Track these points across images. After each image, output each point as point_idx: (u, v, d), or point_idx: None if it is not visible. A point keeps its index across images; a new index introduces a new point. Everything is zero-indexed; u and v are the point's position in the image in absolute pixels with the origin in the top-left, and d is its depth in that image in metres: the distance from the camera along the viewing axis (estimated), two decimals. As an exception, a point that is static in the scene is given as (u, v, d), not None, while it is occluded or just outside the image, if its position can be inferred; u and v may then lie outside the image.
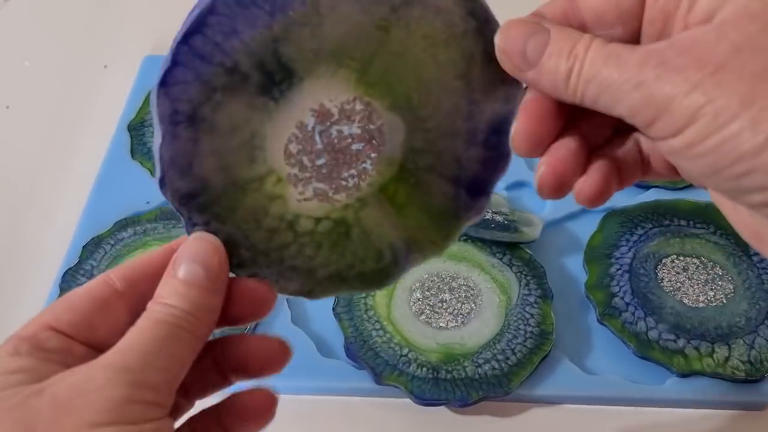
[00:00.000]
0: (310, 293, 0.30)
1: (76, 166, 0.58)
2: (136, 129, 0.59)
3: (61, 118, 0.63)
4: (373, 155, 0.28)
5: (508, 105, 0.28)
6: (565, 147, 0.27)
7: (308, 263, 0.29)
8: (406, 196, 0.29)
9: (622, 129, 0.28)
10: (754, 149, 0.22)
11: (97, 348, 0.26)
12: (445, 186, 0.29)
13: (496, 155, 0.29)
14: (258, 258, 0.28)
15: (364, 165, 0.28)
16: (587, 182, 0.28)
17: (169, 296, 0.26)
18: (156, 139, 0.26)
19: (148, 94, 0.61)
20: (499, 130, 0.29)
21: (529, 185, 0.55)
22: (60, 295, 0.48)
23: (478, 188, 0.30)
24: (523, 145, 0.27)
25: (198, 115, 0.26)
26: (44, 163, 0.59)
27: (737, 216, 0.27)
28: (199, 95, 0.25)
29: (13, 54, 0.68)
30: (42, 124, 0.62)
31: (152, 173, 0.56)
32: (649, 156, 0.29)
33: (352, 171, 0.28)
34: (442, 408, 0.44)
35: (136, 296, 0.27)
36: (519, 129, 0.27)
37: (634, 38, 0.27)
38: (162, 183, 0.26)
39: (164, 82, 0.25)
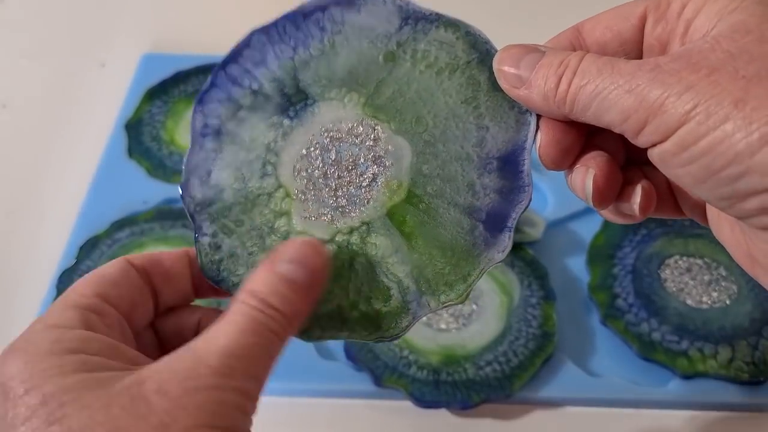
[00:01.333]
0: (306, 332, 0.28)
1: (73, 165, 0.58)
2: (134, 128, 0.59)
3: (58, 117, 0.62)
4: (379, 177, 0.28)
5: (521, 133, 0.28)
6: (600, 156, 0.27)
7: None
8: (415, 224, 0.28)
9: None
10: (748, 149, 0.22)
11: (133, 329, 0.26)
12: (459, 217, 0.28)
13: (514, 186, 0.28)
14: None
15: (370, 186, 0.29)
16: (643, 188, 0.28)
17: (271, 295, 0.25)
18: (188, 150, 0.30)
19: (146, 93, 0.61)
20: (514, 159, 0.28)
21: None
22: (57, 296, 0.47)
23: (497, 222, 0.28)
24: (549, 152, 0.27)
25: (224, 129, 0.29)
26: (40, 162, 0.59)
27: (732, 237, 0.27)
28: (227, 112, 0.29)
29: (11, 52, 0.68)
30: (38, 123, 0.62)
31: (150, 172, 0.55)
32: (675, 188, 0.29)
33: (359, 191, 0.29)
34: (443, 410, 0.44)
35: (161, 273, 0.28)
36: (543, 138, 0.27)
37: None
38: (183, 188, 0.29)
39: (201, 101, 0.29)
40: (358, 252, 0.28)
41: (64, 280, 0.48)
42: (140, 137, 0.58)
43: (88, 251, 0.50)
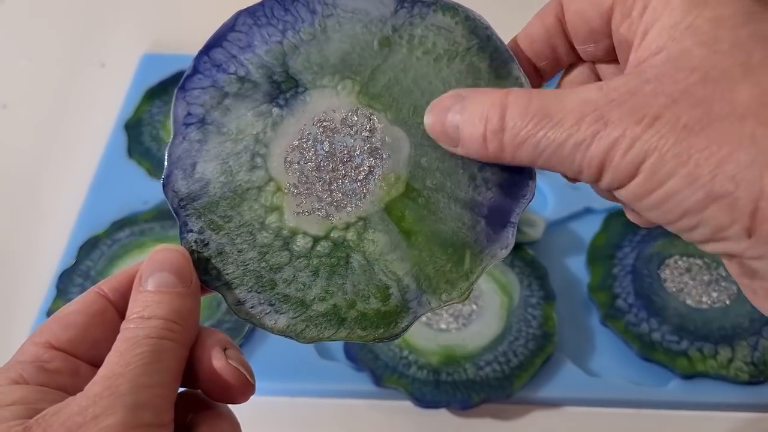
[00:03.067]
0: (301, 333, 0.27)
1: (73, 165, 0.58)
2: (134, 128, 0.59)
3: (58, 117, 0.62)
4: (376, 170, 0.27)
5: None
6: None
7: (302, 293, 0.27)
8: (414, 220, 0.27)
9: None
10: (696, 206, 0.22)
11: (100, 365, 0.25)
12: (460, 211, 0.27)
13: (516, 180, 0.27)
14: (247, 278, 0.27)
15: (366, 179, 0.27)
16: None
17: (144, 309, 0.25)
18: (169, 141, 0.28)
19: (146, 93, 0.61)
20: None
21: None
22: (57, 296, 0.47)
23: (499, 217, 0.27)
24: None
25: (208, 118, 0.28)
26: (41, 162, 0.59)
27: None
28: (211, 100, 0.28)
29: (11, 52, 0.68)
30: (39, 123, 0.62)
31: (149, 172, 0.55)
32: None
33: (354, 185, 0.27)
34: (443, 410, 0.44)
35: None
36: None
37: (611, 54, 0.27)
38: (165, 181, 0.28)
39: (183, 87, 0.28)
40: (354, 249, 0.27)
41: (65, 280, 0.48)
42: (140, 137, 0.58)
43: (88, 251, 0.50)
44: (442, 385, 0.43)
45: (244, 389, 0.26)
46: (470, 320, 0.46)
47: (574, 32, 0.27)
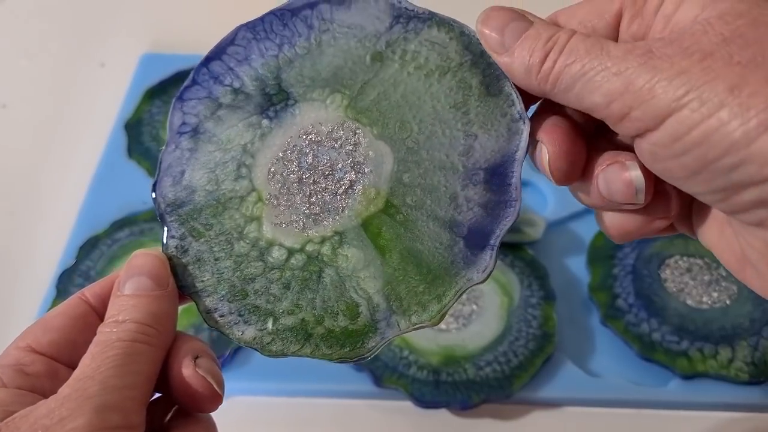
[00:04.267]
0: (266, 347, 0.27)
1: (73, 165, 0.58)
2: (133, 128, 0.59)
3: (58, 117, 0.62)
4: (356, 185, 0.27)
5: (512, 142, 0.26)
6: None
7: (272, 305, 0.27)
8: (391, 237, 0.27)
9: None
10: (745, 138, 0.21)
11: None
12: (438, 231, 0.26)
13: (500, 200, 0.26)
14: (221, 287, 0.27)
15: (346, 193, 0.27)
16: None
17: (119, 313, 0.25)
18: (163, 148, 0.29)
19: (146, 93, 0.61)
20: (503, 171, 0.26)
21: (531, 184, 0.54)
22: (57, 296, 0.47)
23: (479, 239, 0.26)
24: (560, 165, 0.26)
25: (201, 127, 0.28)
26: (40, 162, 0.59)
27: (722, 240, 0.26)
28: (206, 110, 0.28)
29: (10, 52, 0.68)
30: (38, 123, 0.62)
31: (149, 173, 0.55)
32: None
33: (334, 199, 0.27)
34: (443, 411, 0.44)
35: None
36: (552, 151, 0.26)
37: None
38: (154, 187, 0.28)
39: (181, 98, 0.28)
40: (327, 263, 0.27)
41: (64, 280, 0.48)
42: (140, 137, 0.58)
43: (87, 251, 0.50)
44: (442, 386, 0.43)
45: (211, 399, 0.26)
46: (470, 320, 0.46)
47: None
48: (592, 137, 0.27)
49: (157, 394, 0.26)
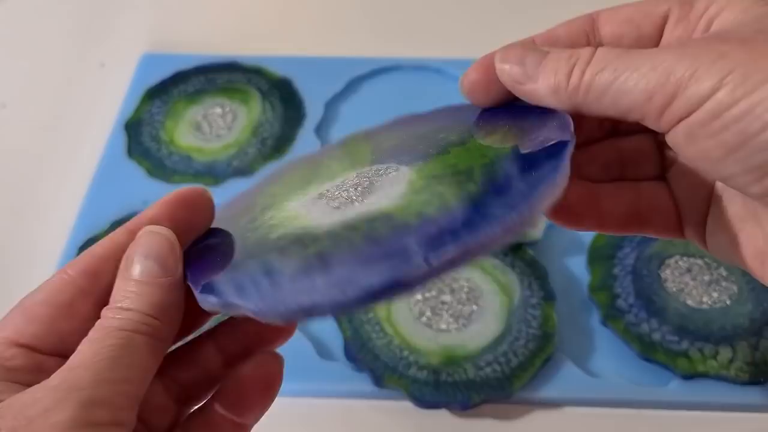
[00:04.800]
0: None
1: (73, 165, 0.58)
2: (133, 128, 0.59)
3: (58, 117, 0.62)
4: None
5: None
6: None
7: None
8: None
9: None
10: None
11: (68, 357, 0.24)
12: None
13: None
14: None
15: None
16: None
17: (124, 299, 0.24)
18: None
19: (146, 93, 0.61)
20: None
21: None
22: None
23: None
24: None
25: None
26: (40, 162, 0.59)
27: (743, 235, 0.26)
28: None
29: (10, 52, 0.68)
30: (38, 123, 0.62)
31: (149, 173, 0.55)
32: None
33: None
34: (443, 411, 0.44)
35: (103, 289, 0.25)
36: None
37: None
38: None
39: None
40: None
41: (64, 281, 0.48)
42: (140, 137, 0.58)
43: (87, 251, 0.50)
44: (442, 386, 0.43)
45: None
46: (470, 320, 0.46)
47: (616, 40, 0.27)
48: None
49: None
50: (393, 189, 0.25)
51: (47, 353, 0.24)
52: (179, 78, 0.62)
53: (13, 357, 0.23)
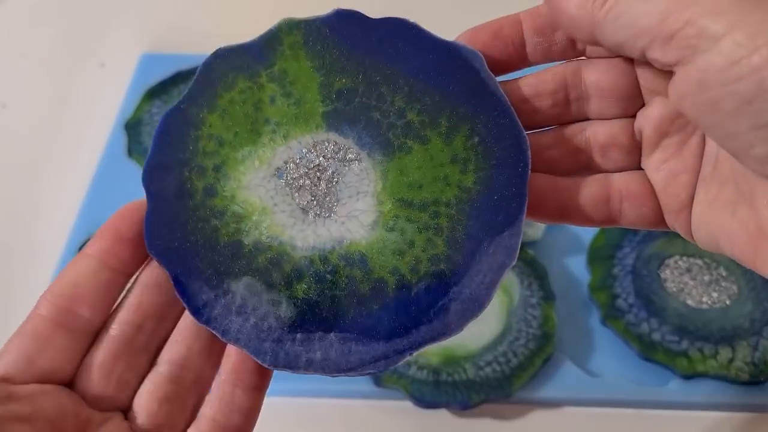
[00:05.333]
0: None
1: (73, 165, 0.58)
2: (133, 128, 0.59)
3: (58, 117, 0.62)
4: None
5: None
6: None
7: None
8: None
9: None
10: None
11: (47, 380, 0.25)
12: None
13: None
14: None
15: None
16: None
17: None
18: None
19: (146, 93, 0.61)
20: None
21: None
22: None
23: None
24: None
25: None
26: (40, 162, 0.59)
27: (736, 221, 0.24)
28: None
29: (10, 52, 0.68)
30: (38, 123, 0.62)
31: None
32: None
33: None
34: (443, 411, 0.44)
35: (78, 318, 0.26)
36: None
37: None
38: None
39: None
40: None
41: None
42: (139, 137, 0.58)
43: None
44: (441, 385, 0.43)
45: None
46: (470, 320, 0.46)
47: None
48: None
49: None
50: (361, 205, 0.27)
51: (19, 381, 0.25)
52: (179, 78, 0.62)
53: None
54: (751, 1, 0.21)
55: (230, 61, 0.29)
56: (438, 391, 0.43)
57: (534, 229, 0.50)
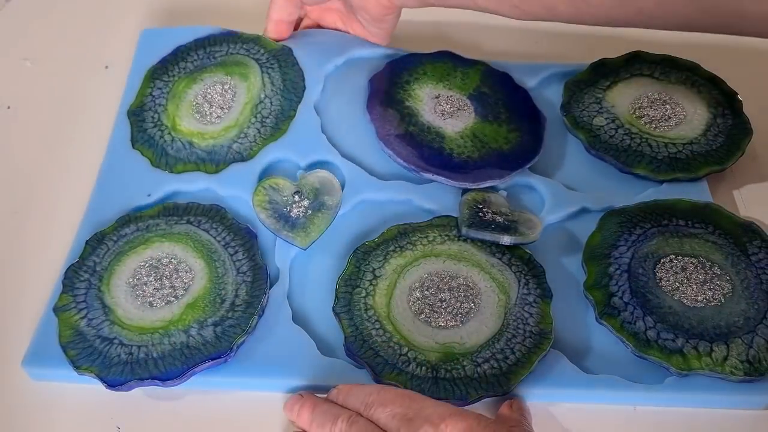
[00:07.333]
0: None
1: (78, 162, 0.58)
2: (136, 114, 0.58)
3: (62, 118, 0.62)
4: None
5: None
6: None
7: None
8: None
9: None
10: None
11: None
12: None
13: None
14: None
15: None
16: None
17: None
18: None
19: (147, 72, 0.61)
20: None
21: (529, 185, 0.55)
22: (63, 291, 0.48)
23: None
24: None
25: None
26: (46, 161, 0.59)
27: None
28: None
29: (14, 53, 0.68)
30: (43, 123, 0.62)
31: (152, 162, 0.56)
32: None
33: None
34: (442, 407, 0.44)
35: None
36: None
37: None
38: None
39: None
40: None
41: (70, 276, 0.49)
42: (143, 125, 0.58)
43: (94, 247, 0.50)
44: (440, 382, 0.44)
45: None
46: (468, 318, 0.46)
47: None
48: None
49: None
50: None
51: None
52: (179, 54, 0.61)
53: None
54: None
55: None
56: (436, 387, 0.43)
57: (532, 230, 0.50)
